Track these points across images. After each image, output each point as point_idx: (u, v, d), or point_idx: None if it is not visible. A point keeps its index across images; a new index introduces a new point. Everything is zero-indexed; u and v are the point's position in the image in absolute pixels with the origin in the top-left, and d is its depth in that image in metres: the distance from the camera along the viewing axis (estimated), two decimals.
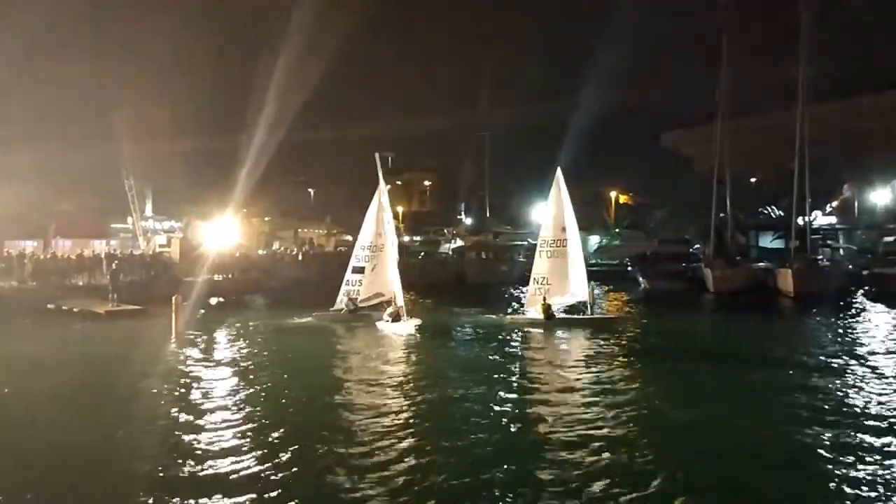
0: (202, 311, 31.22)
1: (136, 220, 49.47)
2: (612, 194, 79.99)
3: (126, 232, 53.25)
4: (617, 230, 72.02)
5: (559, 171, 28.50)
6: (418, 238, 66.19)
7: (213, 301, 36.60)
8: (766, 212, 68.19)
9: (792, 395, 15.71)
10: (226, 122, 64.24)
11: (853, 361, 19.61)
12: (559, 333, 25.10)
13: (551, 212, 28.50)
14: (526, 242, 61.77)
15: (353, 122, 77.74)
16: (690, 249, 56.26)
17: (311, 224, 68.71)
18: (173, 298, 25.29)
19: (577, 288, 27.22)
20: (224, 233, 46.79)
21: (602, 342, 23.14)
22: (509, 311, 30.86)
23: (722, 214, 51.45)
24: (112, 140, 46.83)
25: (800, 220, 46.91)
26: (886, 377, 17.54)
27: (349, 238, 66.71)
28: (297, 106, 56.10)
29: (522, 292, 43.47)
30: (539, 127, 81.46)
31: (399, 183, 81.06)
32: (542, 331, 25.65)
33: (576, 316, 27.27)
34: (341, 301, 27.99)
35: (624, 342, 23.58)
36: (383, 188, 28.72)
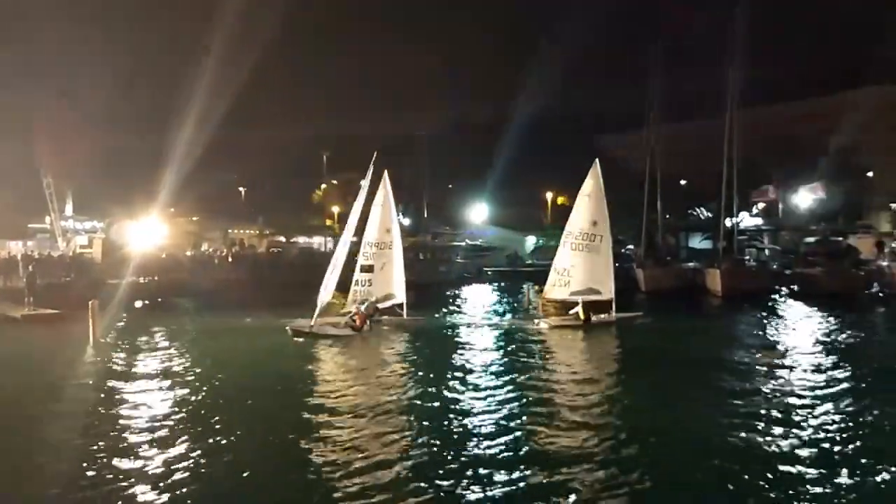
0: (125, 315, 29.79)
1: (55, 220, 47.12)
2: (549, 195, 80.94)
3: (44, 232, 50.62)
4: (556, 231, 72.79)
5: (596, 162, 28.81)
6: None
7: (138, 304, 35.10)
8: (694, 213, 70.30)
9: (727, 396, 15.93)
10: (152, 121, 61.96)
11: (781, 360, 20.14)
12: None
13: (584, 203, 28.23)
14: (464, 243, 61.82)
15: (287, 121, 76.03)
16: (623, 250, 57.35)
17: (241, 224, 66.88)
18: (90, 303, 23.90)
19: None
20: (149, 233, 45.02)
21: (543, 343, 23.11)
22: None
23: (653, 216, 52.62)
24: (29, 138, 44.52)
25: (727, 222, 48.39)
26: (812, 374, 18.04)
27: (282, 239, 65.28)
28: (227, 104, 54.81)
29: (460, 293, 43.50)
30: (476, 128, 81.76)
31: (335, 183, 79.82)
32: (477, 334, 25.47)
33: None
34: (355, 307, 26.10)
35: (564, 343, 23.63)
36: (387, 184, 28.08)
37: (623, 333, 25.42)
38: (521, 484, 10.19)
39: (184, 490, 9.93)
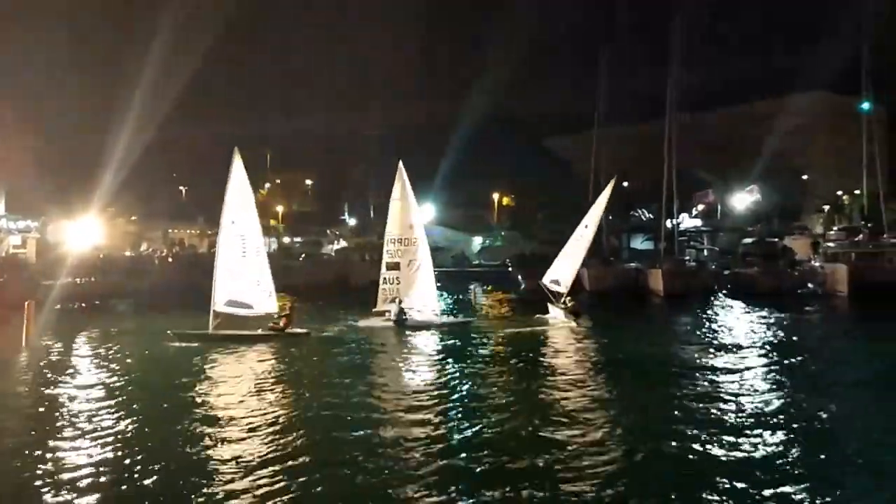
0: (60, 317, 28.56)
1: None
2: (495, 196, 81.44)
3: None
4: (503, 232, 73.37)
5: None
6: (299, 239, 64.19)
7: (74, 306, 33.82)
8: (636, 214, 71.76)
9: (675, 398, 16.13)
10: (91, 120, 59.96)
11: (722, 359, 20.60)
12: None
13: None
14: None
15: (230, 120, 74.36)
16: None
17: (182, 224, 65.09)
18: (26, 304, 22.80)
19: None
20: (86, 233, 43.41)
21: (483, 344, 23.08)
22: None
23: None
24: None
25: (668, 223, 49.52)
26: (751, 372, 18.47)
27: None
28: (169, 103, 53.61)
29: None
30: (424, 128, 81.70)
31: (279, 182, 78.56)
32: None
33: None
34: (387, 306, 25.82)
35: (505, 344, 23.66)
36: (404, 174, 27.15)
37: (567, 334, 25.63)
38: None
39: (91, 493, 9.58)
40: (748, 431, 12.68)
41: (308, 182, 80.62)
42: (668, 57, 48.20)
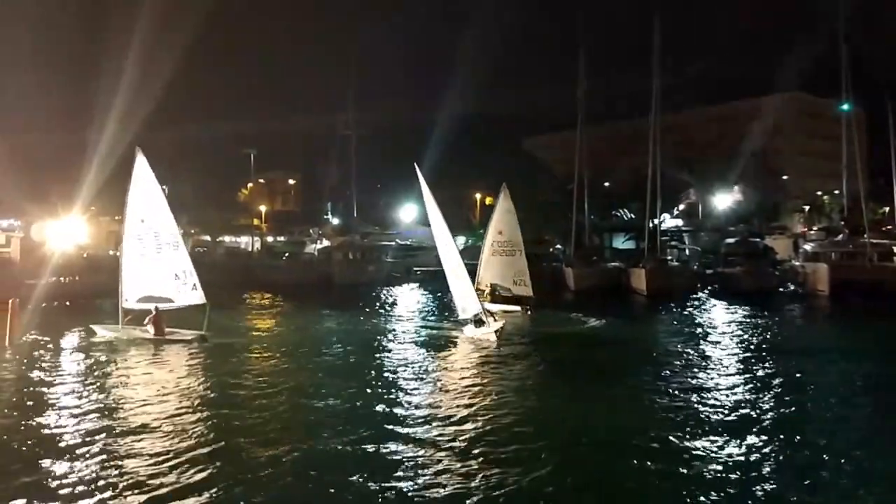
0: (44, 316, 28.17)
1: None
2: (477, 196, 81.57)
3: None
4: (481, 231, 73.32)
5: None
6: (282, 238, 63.90)
7: (59, 305, 33.46)
8: (618, 214, 72.22)
9: (660, 394, 16.29)
10: (75, 118, 59.33)
11: (709, 356, 20.83)
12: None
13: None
14: (394, 243, 61.54)
15: (214, 120, 73.85)
16: (551, 249, 58.47)
17: None
18: (10, 302, 22.48)
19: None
20: (70, 232, 42.91)
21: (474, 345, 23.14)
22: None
23: (579, 216, 53.77)
24: None
25: (651, 223, 49.90)
26: (734, 370, 18.73)
27: (207, 238, 63.36)
28: (151, 101, 53.18)
29: (390, 293, 43.25)
30: (406, 128, 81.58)
31: (262, 181, 78.11)
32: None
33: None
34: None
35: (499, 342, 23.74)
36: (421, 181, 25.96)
37: (552, 332, 25.76)
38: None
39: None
40: (727, 430, 12.85)
41: (291, 182, 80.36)
42: (649, 57, 48.55)
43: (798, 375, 18.33)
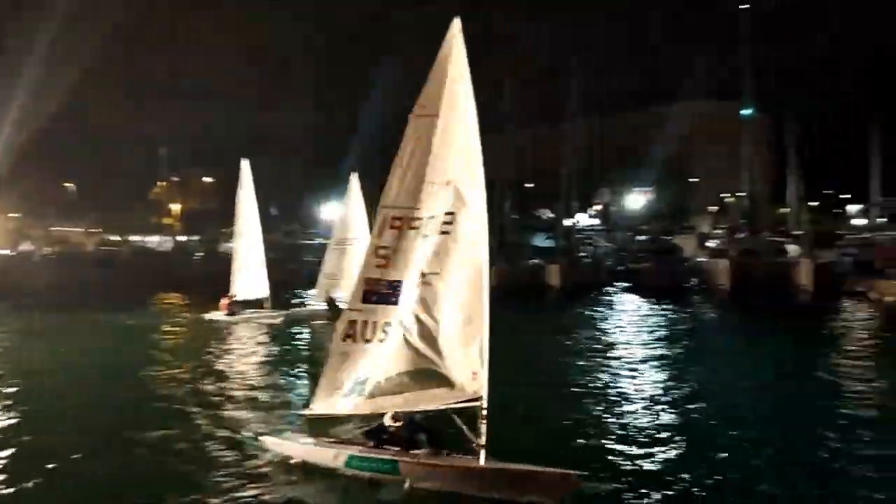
0: None
1: None
2: None
3: None
4: None
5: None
6: (196, 237, 61.80)
7: None
8: (537, 214, 73.70)
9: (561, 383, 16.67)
10: None
11: (611, 350, 21.48)
12: None
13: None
14: (316, 242, 60.59)
15: (123, 114, 70.68)
16: None
17: (69, 222, 61.54)
18: None
19: None
20: None
21: None
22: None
23: (501, 216, 54.59)
24: None
25: (566, 222, 51.16)
26: (639, 355, 19.40)
27: (116, 238, 60.77)
28: (58, 95, 50.95)
29: (306, 292, 42.48)
30: (330, 126, 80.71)
31: (176, 179, 75.64)
32: None
33: None
34: None
35: None
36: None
37: None
38: None
39: None
40: (630, 419, 13.28)
41: (208, 179, 78.01)
42: (568, 64, 49.95)
43: (699, 363, 19.18)
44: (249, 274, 27.49)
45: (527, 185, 78.22)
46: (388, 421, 9.44)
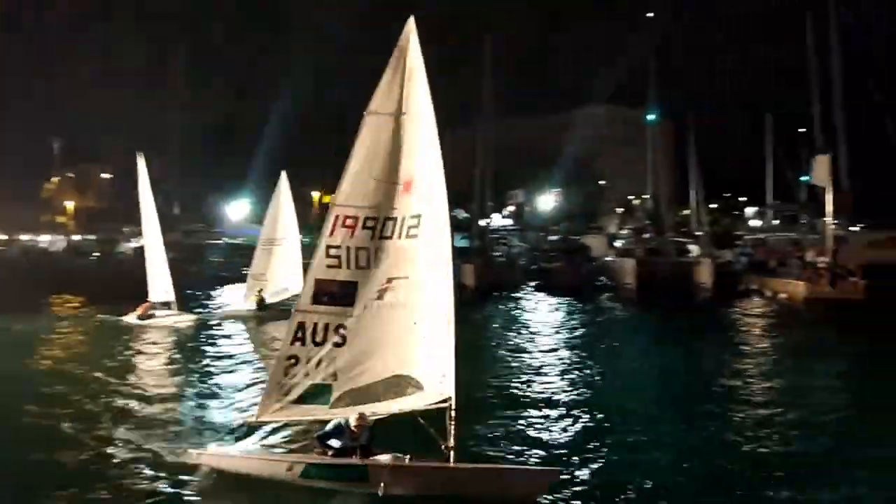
0: None
1: None
2: (315, 194, 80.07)
3: None
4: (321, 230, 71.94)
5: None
6: (92, 236, 58.33)
7: None
8: (453, 214, 74.00)
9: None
10: None
11: (522, 345, 21.57)
12: None
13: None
14: (221, 241, 58.50)
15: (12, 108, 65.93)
16: None
17: None
18: None
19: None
20: None
21: None
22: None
23: None
24: None
25: (481, 222, 51.52)
26: (547, 348, 19.54)
27: (4, 237, 56.57)
28: None
29: (212, 294, 40.83)
30: (237, 123, 78.31)
31: (71, 175, 71.34)
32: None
33: None
34: None
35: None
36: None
37: None
38: None
39: None
40: (531, 405, 13.32)
41: (105, 175, 73.85)
42: (481, 68, 50.28)
43: (603, 360, 19.47)
44: (154, 275, 26.15)
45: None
46: (353, 422, 8.92)
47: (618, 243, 53.60)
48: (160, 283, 25.82)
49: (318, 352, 9.17)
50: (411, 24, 8.72)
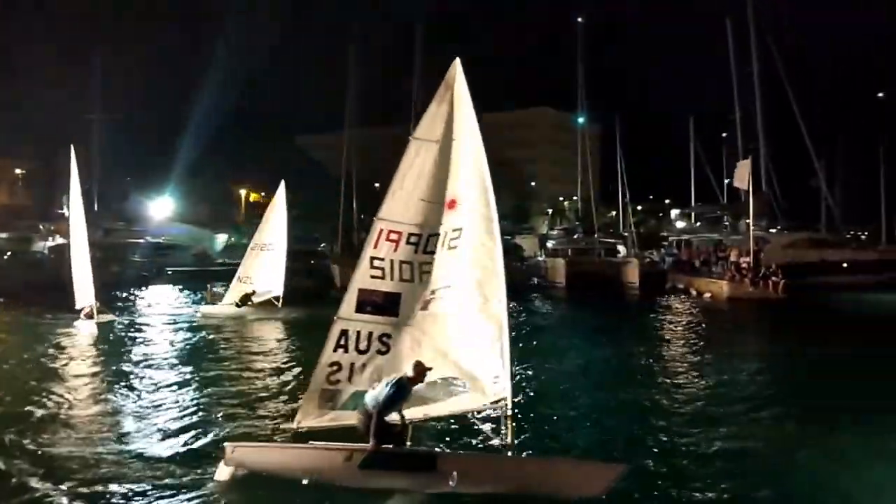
0: None
1: None
2: (243, 192, 78.40)
3: None
4: (248, 229, 70.46)
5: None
6: (5, 235, 55.29)
7: None
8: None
9: None
10: None
11: None
12: None
13: None
14: (143, 241, 56.37)
15: None
16: (318, 248, 57.84)
17: None
18: None
19: None
20: None
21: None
22: None
23: (349, 215, 53.99)
24: None
25: None
26: None
27: None
28: None
29: (135, 294, 39.31)
30: (160, 120, 75.85)
31: None
32: None
33: None
34: None
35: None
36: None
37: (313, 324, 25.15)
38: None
39: None
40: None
41: (18, 171, 70.12)
42: (411, 67, 50.29)
43: (535, 354, 19.67)
44: (80, 276, 25.26)
45: (376, 184, 77.97)
46: (410, 372, 8.78)
47: (549, 244, 54.55)
48: (87, 284, 24.93)
49: (361, 359, 9.23)
50: (457, 65, 9.03)
